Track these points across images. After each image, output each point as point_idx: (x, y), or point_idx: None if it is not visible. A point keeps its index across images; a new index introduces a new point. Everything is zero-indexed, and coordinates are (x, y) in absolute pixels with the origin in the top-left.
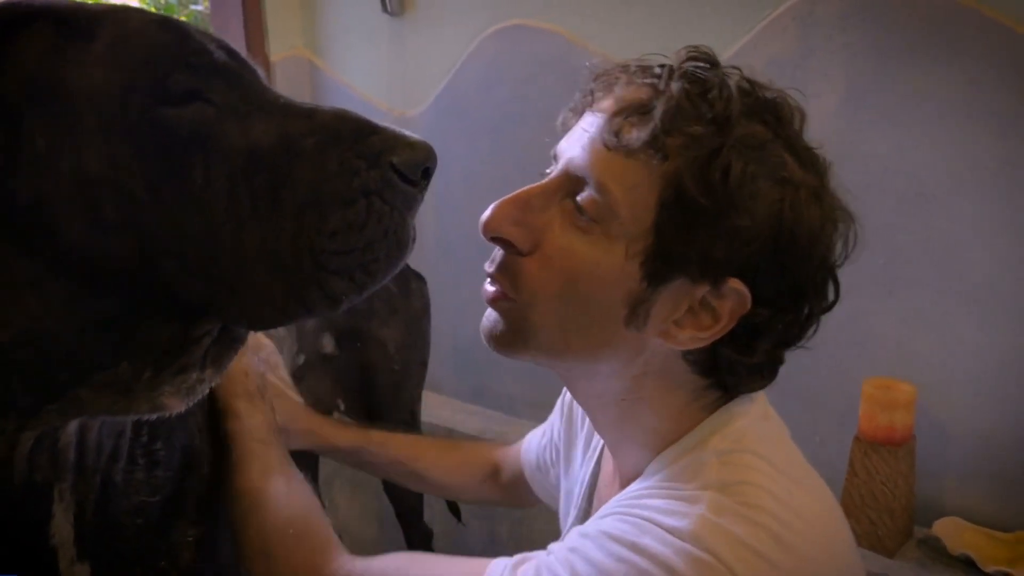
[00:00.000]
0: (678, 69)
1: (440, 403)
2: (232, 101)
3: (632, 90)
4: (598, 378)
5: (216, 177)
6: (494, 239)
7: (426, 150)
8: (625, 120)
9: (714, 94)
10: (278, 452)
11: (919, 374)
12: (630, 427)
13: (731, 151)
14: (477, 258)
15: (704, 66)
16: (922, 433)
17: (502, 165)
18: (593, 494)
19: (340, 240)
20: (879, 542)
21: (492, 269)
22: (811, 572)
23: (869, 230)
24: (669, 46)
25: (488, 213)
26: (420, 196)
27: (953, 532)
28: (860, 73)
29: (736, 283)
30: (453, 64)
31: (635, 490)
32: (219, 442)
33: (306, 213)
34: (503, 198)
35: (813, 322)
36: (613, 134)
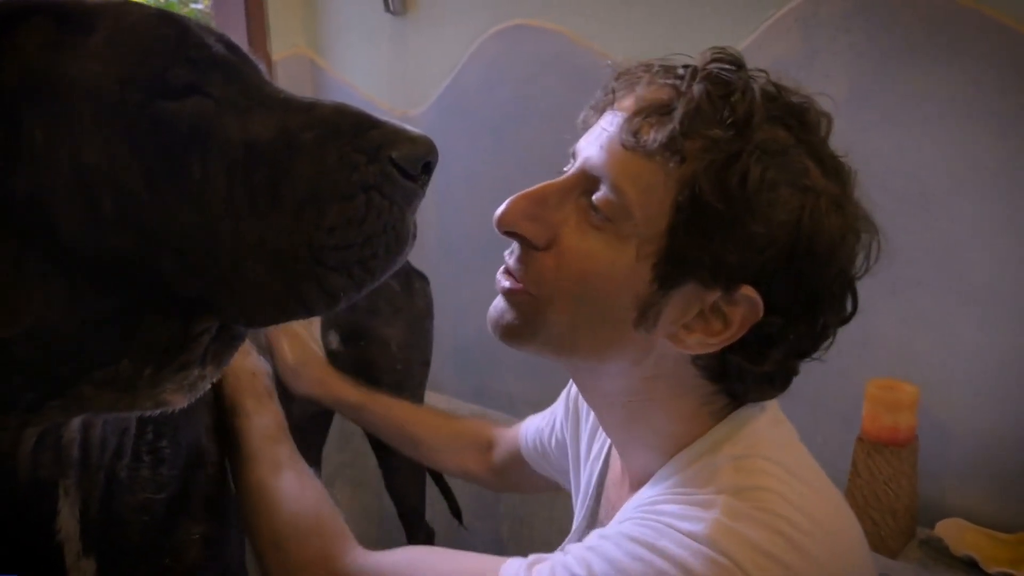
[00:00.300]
0: (702, 70)
1: (441, 402)
2: (231, 95)
3: (653, 90)
4: (605, 377)
5: (214, 171)
6: (508, 233)
7: (426, 144)
8: (644, 120)
9: (736, 97)
10: (288, 448)
11: (920, 374)
12: (638, 429)
13: (750, 156)
14: (478, 258)
15: (729, 68)
16: (924, 433)
17: (504, 165)
18: (601, 494)
19: (338, 235)
20: (882, 543)
21: (511, 261)
22: (825, 575)
23: None
24: (671, 47)
25: (504, 207)
26: (421, 191)
27: (956, 533)
28: (862, 73)
29: (749, 290)
30: (455, 63)
31: (649, 496)
32: (226, 442)
33: (304, 208)
34: (520, 193)
35: (829, 334)
36: (631, 134)
